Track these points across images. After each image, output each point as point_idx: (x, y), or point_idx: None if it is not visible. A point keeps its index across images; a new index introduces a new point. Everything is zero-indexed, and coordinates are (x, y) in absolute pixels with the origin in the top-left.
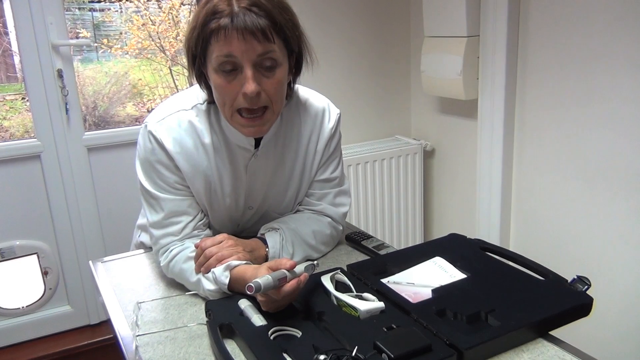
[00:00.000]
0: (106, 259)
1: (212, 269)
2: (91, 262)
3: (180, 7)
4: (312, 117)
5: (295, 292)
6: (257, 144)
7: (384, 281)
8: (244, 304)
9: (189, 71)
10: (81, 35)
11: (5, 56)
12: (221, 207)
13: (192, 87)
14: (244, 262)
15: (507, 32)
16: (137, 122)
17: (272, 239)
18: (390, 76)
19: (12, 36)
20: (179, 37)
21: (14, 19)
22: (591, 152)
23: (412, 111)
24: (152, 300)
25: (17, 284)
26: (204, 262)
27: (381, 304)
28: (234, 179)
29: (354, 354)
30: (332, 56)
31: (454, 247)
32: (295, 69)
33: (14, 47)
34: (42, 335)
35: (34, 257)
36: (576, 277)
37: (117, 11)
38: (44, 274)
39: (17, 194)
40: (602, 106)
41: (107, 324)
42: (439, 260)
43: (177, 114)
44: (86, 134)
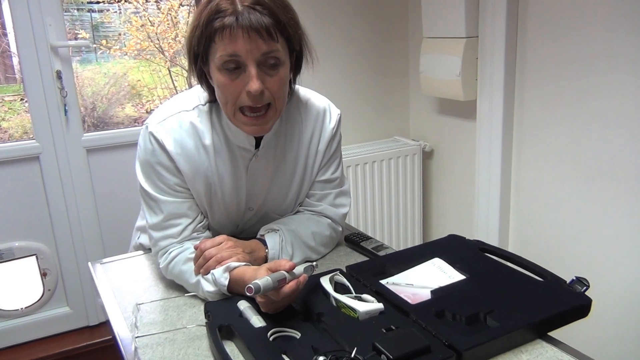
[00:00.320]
0: (105, 260)
1: (212, 271)
2: (90, 263)
3: (179, 8)
4: (313, 118)
5: (294, 293)
6: (257, 145)
7: (383, 282)
8: (243, 305)
9: (190, 70)
10: (80, 36)
11: (4, 57)
12: (221, 208)
13: (193, 88)
14: (244, 263)
15: (505, 33)
16: (136, 123)
17: (272, 240)
18: (389, 77)
19: (11, 37)
20: (177, 38)
21: (12, 20)
22: (590, 153)
23: (411, 112)
24: (151, 301)
25: (16, 286)
26: (203, 264)
27: (380, 305)
28: (235, 179)
29: (353, 355)
30: (331, 57)
31: (452, 248)
32: (295, 68)
33: (13, 48)
34: (41, 336)
35: (33, 258)
36: (575, 278)
37: (115, 12)
38: (43, 275)
39: (16, 196)
40: (600, 108)
41: (106, 325)
42: (438, 261)
43: (179, 115)
44: (85, 135)
